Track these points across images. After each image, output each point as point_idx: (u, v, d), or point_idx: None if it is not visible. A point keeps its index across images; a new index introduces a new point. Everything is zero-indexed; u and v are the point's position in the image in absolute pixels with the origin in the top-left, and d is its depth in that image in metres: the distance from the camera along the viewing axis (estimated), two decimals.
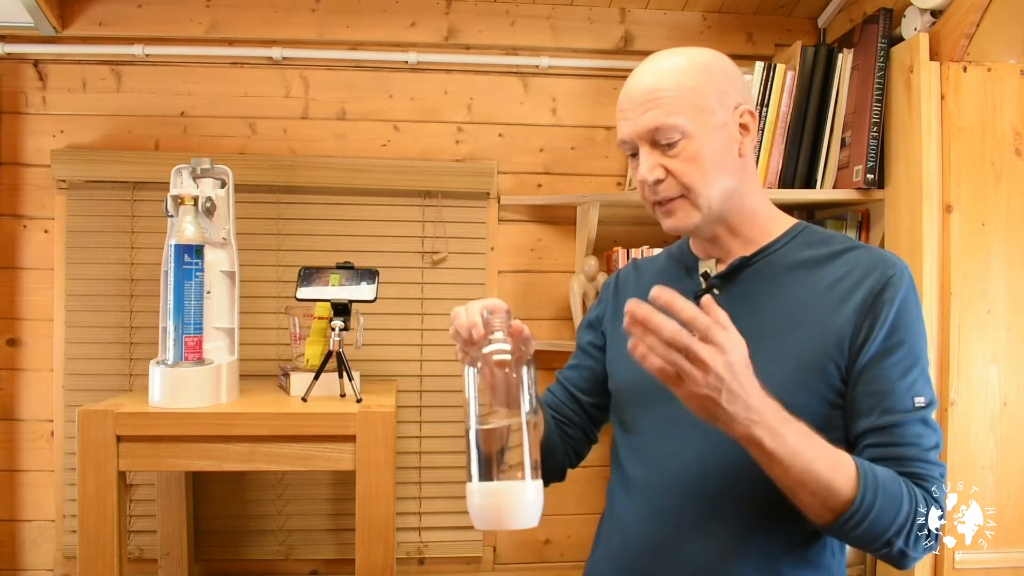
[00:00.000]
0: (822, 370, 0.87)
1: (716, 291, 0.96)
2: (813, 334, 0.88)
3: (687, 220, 0.93)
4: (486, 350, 0.79)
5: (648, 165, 0.91)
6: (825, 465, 0.78)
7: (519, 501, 0.75)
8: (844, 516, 0.78)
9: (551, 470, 1.08)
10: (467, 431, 0.78)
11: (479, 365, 0.78)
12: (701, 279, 0.99)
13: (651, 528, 0.94)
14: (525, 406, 0.77)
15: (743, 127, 0.94)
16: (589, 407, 1.11)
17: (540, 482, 0.76)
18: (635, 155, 0.94)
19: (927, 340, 0.90)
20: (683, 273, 1.03)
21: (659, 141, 0.90)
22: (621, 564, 0.98)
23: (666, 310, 0.72)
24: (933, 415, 0.87)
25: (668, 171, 0.91)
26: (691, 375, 0.72)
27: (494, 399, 0.79)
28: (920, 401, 0.86)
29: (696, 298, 0.96)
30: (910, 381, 0.86)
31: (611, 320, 1.09)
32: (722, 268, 0.97)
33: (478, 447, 0.77)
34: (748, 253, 0.96)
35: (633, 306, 0.72)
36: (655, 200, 0.94)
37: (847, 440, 0.89)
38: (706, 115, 0.90)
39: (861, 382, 0.87)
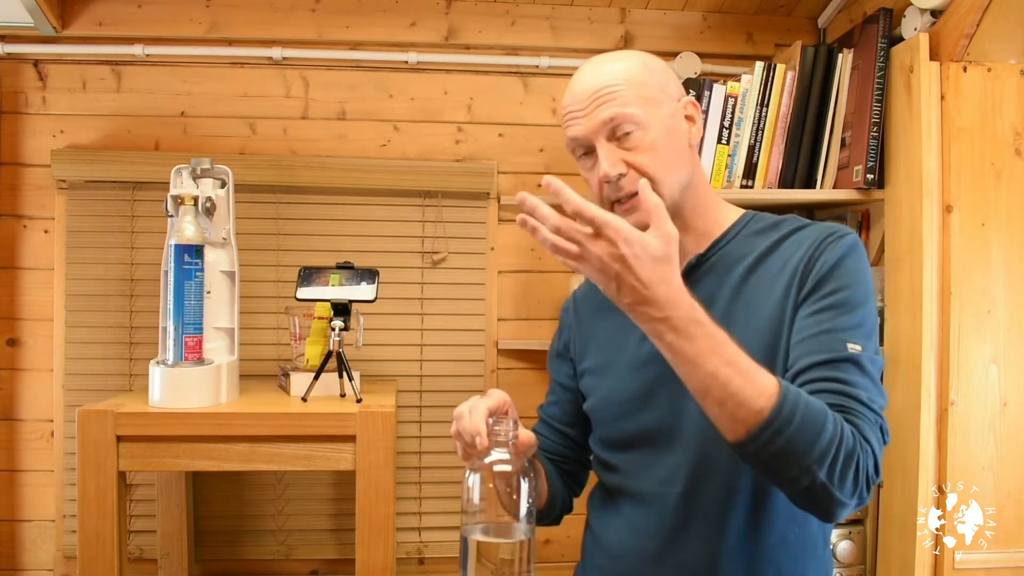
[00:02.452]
0: (781, 350, 0.87)
1: None
2: (770, 316, 0.88)
3: None
4: (488, 460, 0.78)
5: (610, 160, 0.89)
6: (735, 373, 0.73)
7: None
8: (756, 429, 0.73)
9: (561, 511, 1.09)
10: (463, 536, 0.77)
11: (481, 473, 0.78)
12: None
13: (642, 536, 0.93)
14: (523, 516, 0.77)
15: (688, 118, 0.95)
16: (578, 438, 1.10)
17: None
18: (587, 154, 0.93)
19: (872, 299, 0.87)
20: None
21: (616, 133, 0.89)
22: (613, 574, 0.97)
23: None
24: (878, 374, 0.83)
25: (629, 165, 0.90)
26: (587, 261, 0.71)
27: (493, 506, 0.78)
28: (853, 348, 0.81)
29: None
30: (842, 327, 0.83)
31: (578, 343, 1.08)
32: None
33: (471, 553, 0.76)
34: (701, 250, 0.96)
35: (521, 197, 0.72)
36: (616, 198, 0.92)
37: None
38: (655, 106, 0.90)
39: (796, 333, 0.85)
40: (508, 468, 0.78)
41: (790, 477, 0.75)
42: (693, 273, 0.95)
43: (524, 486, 0.77)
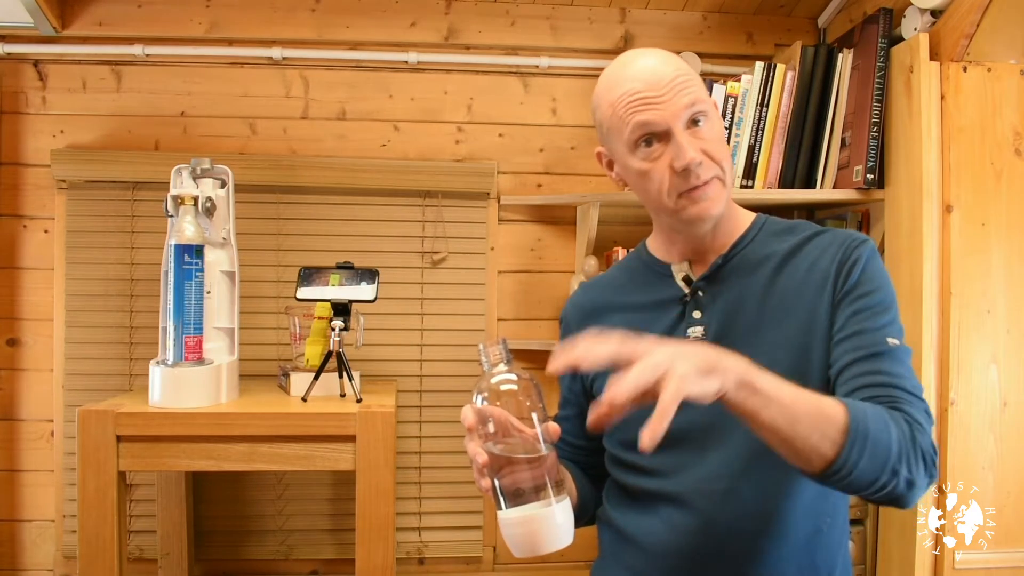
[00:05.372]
0: (821, 350, 0.89)
1: (701, 293, 0.96)
2: (806, 318, 0.90)
3: (719, 203, 0.92)
4: (493, 380, 0.78)
5: (694, 147, 0.89)
6: (807, 395, 0.75)
7: (549, 525, 0.75)
8: (846, 447, 0.74)
9: (595, 509, 1.08)
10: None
11: (486, 395, 0.77)
12: (682, 284, 0.98)
13: (685, 535, 0.92)
14: (538, 430, 0.77)
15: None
16: (596, 446, 1.08)
17: (567, 502, 0.76)
18: (652, 142, 0.91)
19: (896, 298, 0.92)
20: (655, 282, 1.01)
21: (691, 120, 0.90)
22: (654, 573, 0.96)
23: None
24: (911, 364, 0.88)
25: (704, 152, 0.90)
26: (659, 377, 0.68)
27: (505, 426, 0.78)
28: (892, 342, 0.87)
29: (682, 303, 0.97)
30: (881, 324, 0.88)
31: None
32: (703, 269, 0.98)
33: (498, 474, 0.76)
34: (724, 250, 0.97)
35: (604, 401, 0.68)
36: (689, 187, 0.90)
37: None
38: (709, 99, 0.93)
39: (836, 331, 0.89)
40: (513, 386, 0.77)
41: (881, 484, 0.77)
42: (718, 273, 0.96)
43: (533, 399, 0.77)
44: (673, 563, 0.93)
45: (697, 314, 0.95)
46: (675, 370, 0.67)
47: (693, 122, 0.90)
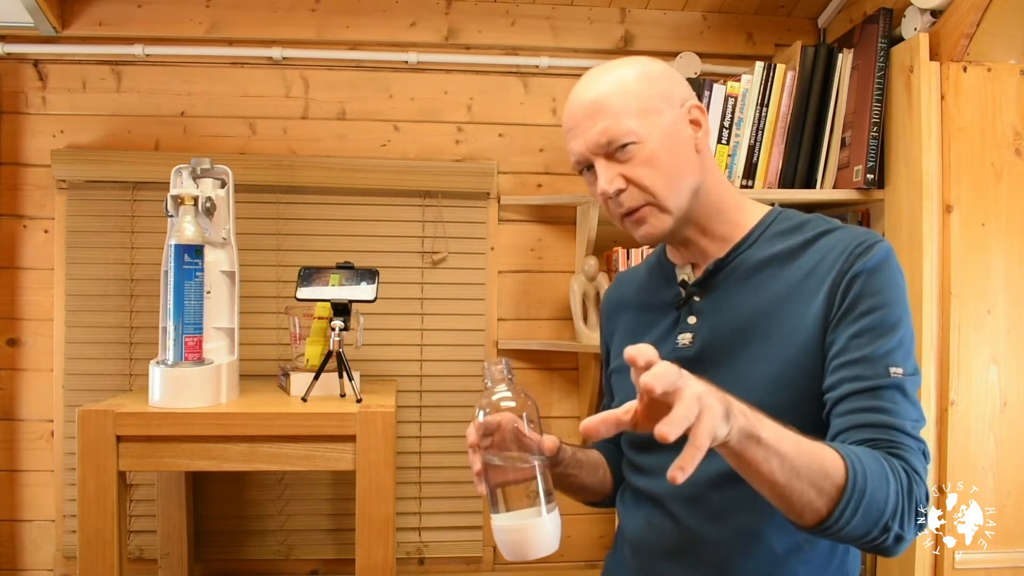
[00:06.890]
0: (806, 365, 0.85)
1: (696, 298, 0.95)
2: (793, 328, 0.86)
3: (659, 226, 0.90)
4: (494, 397, 0.82)
5: (607, 177, 0.88)
6: (808, 446, 0.72)
7: (538, 533, 0.78)
8: (841, 504, 0.71)
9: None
10: (484, 464, 0.82)
11: (488, 410, 0.82)
12: (680, 288, 0.97)
13: (660, 534, 0.93)
14: (532, 444, 0.81)
15: (694, 123, 0.92)
16: None
17: (556, 512, 0.79)
18: (589, 169, 0.92)
19: (909, 312, 0.85)
20: (663, 283, 1.01)
21: (612, 150, 0.88)
22: (633, 569, 0.98)
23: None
24: (916, 392, 0.82)
25: (628, 180, 0.88)
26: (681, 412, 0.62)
27: (505, 440, 0.82)
28: (896, 371, 0.80)
29: (676, 308, 0.97)
30: (883, 350, 0.81)
31: (609, 343, 1.10)
32: (699, 273, 0.96)
33: (494, 482, 0.81)
34: (722, 253, 0.93)
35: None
36: (622, 212, 0.91)
37: (825, 428, 0.85)
38: (653, 116, 0.88)
39: (834, 354, 0.83)
40: (512, 403, 0.82)
41: (870, 538, 0.75)
42: (712, 279, 0.93)
43: (526, 417, 0.81)
44: (647, 559, 0.96)
45: (692, 320, 0.94)
46: (710, 407, 0.63)
47: (622, 146, 0.87)
